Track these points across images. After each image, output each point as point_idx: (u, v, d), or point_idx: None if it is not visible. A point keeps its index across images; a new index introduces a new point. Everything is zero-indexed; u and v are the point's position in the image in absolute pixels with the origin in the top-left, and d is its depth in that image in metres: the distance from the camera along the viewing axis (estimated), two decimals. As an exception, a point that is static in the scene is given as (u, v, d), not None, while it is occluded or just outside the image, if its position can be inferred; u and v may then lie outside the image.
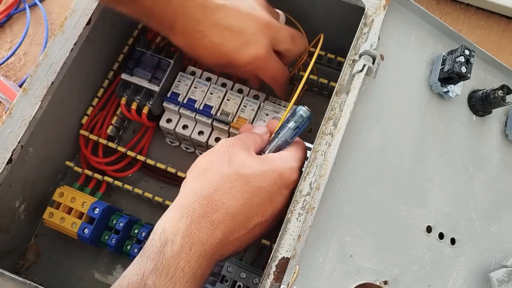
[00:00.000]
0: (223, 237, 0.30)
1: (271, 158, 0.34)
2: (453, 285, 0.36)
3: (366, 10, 0.38)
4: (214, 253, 0.31)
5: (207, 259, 0.30)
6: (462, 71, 0.36)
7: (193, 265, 0.29)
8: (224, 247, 0.31)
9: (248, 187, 0.31)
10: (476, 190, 0.39)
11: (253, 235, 0.33)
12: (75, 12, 0.44)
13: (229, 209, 0.31)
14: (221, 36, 0.38)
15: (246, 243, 0.33)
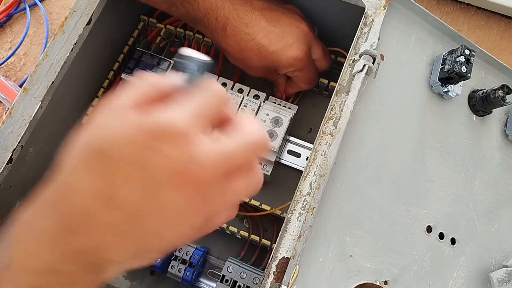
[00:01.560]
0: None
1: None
2: (453, 285, 0.36)
3: (366, 10, 0.38)
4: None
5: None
6: (462, 71, 0.36)
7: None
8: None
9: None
10: (476, 190, 0.39)
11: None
12: (75, 12, 0.44)
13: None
14: (268, 38, 0.42)
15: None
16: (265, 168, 0.47)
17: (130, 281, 0.49)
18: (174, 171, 0.20)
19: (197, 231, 0.23)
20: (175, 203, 0.21)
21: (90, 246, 0.21)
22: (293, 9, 0.46)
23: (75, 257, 0.21)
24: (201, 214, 0.22)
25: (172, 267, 0.45)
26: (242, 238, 0.48)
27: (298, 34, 0.43)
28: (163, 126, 0.20)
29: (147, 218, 0.21)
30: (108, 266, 0.22)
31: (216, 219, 0.24)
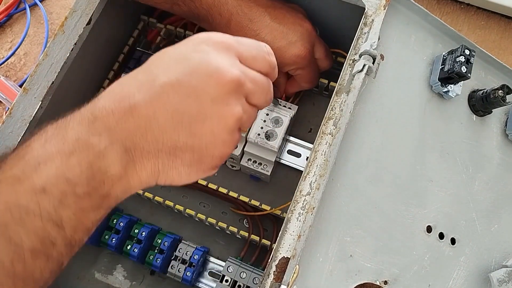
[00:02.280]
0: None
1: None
2: (453, 285, 0.36)
3: (366, 10, 0.38)
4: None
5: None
6: (462, 71, 0.36)
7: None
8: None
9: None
10: (476, 190, 0.39)
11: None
12: (76, 12, 0.44)
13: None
14: (272, 35, 0.42)
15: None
16: (265, 168, 0.47)
17: (130, 281, 0.49)
18: (213, 67, 0.26)
19: (222, 133, 0.27)
20: (208, 93, 0.25)
21: (130, 128, 0.25)
22: (297, 8, 0.46)
23: (111, 135, 0.24)
24: (228, 115, 0.26)
25: (172, 267, 0.45)
26: (242, 238, 0.48)
27: (302, 32, 0.43)
28: (212, 36, 0.27)
29: (183, 106, 0.25)
30: (141, 158, 0.25)
31: (245, 124, 0.28)
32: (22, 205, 0.22)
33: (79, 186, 0.23)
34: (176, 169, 0.27)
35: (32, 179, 0.22)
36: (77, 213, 0.23)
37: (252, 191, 0.50)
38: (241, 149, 0.46)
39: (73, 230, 0.23)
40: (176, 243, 0.47)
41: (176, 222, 0.51)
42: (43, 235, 0.22)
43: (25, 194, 0.22)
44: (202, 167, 0.27)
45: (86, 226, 0.24)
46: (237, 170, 0.51)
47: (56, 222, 0.22)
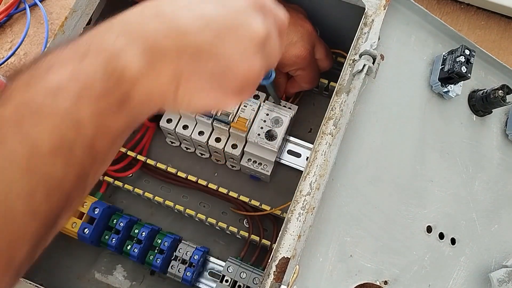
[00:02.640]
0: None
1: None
2: (453, 285, 0.36)
3: (366, 10, 0.38)
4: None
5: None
6: (462, 71, 0.36)
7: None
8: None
9: None
10: (476, 190, 0.39)
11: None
12: (76, 12, 0.44)
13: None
14: None
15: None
16: (265, 168, 0.47)
17: (130, 281, 0.49)
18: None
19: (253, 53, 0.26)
20: (238, 3, 0.26)
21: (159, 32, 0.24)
22: (298, 9, 0.46)
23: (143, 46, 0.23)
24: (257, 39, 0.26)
25: (172, 267, 0.45)
26: (242, 238, 0.48)
27: (302, 33, 0.43)
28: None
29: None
30: (161, 59, 0.24)
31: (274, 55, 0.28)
32: (36, 103, 0.20)
33: (95, 85, 0.22)
34: (198, 80, 0.25)
35: (46, 80, 0.21)
36: (96, 114, 0.22)
37: (252, 191, 0.50)
38: (241, 149, 0.46)
39: (93, 133, 0.22)
40: (176, 243, 0.47)
41: (176, 222, 0.51)
42: (60, 133, 0.21)
43: (38, 93, 0.21)
44: (224, 84, 0.26)
45: (107, 132, 0.23)
46: (237, 170, 0.51)
47: (74, 120, 0.21)
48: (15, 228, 0.19)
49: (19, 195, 0.19)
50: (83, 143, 0.21)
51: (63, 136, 0.21)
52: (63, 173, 0.21)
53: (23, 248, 0.20)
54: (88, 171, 0.22)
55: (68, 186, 0.21)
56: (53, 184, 0.20)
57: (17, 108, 0.20)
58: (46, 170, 0.20)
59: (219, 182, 0.48)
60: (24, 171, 0.19)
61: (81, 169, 0.22)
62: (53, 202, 0.20)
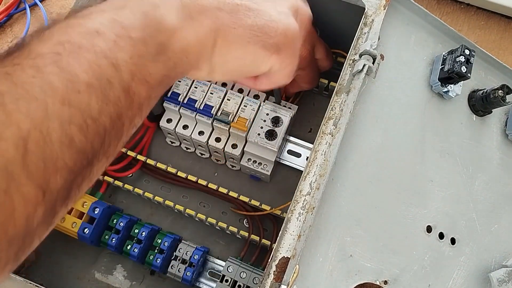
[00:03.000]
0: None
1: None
2: (453, 285, 0.36)
3: (366, 10, 0.38)
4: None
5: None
6: (462, 71, 0.36)
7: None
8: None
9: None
10: (476, 190, 0.39)
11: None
12: (76, 12, 0.44)
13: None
14: None
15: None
16: (265, 168, 0.47)
17: (130, 281, 0.49)
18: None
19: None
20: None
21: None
22: None
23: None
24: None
25: (172, 267, 0.45)
26: (242, 238, 0.48)
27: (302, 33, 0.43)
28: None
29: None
30: (199, 13, 0.25)
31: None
32: (75, 42, 0.21)
33: (134, 30, 0.22)
34: (237, 32, 0.26)
35: (85, 24, 0.22)
36: (134, 58, 0.22)
37: (252, 191, 0.50)
38: (241, 149, 0.46)
39: (130, 75, 0.22)
40: (176, 243, 0.47)
41: (176, 222, 0.51)
42: (98, 71, 0.21)
43: (77, 34, 0.21)
44: (263, 37, 0.27)
45: (144, 78, 0.23)
46: (237, 170, 0.51)
47: (112, 61, 0.22)
48: (51, 152, 0.19)
49: (57, 122, 0.19)
50: (119, 84, 0.22)
51: (99, 73, 0.21)
52: (99, 109, 0.21)
53: (58, 177, 0.20)
54: (123, 114, 0.23)
55: (104, 122, 0.21)
56: (89, 117, 0.21)
57: (55, 45, 0.21)
58: (82, 102, 0.20)
59: (219, 182, 0.48)
60: (61, 101, 0.20)
61: (116, 109, 0.22)
62: (89, 136, 0.21)
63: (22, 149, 0.18)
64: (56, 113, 0.19)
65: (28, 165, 0.18)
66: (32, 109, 0.19)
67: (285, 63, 0.30)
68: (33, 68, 0.19)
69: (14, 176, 0.18)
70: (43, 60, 0.20)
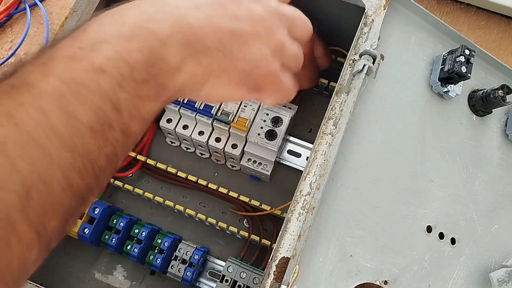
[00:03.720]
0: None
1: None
2: (453, 285, 0.36)
3: (366, 10, 0.38)
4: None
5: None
6: (462, 71, 0.36)
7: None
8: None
9: None
10: (476, 190, 0.39)
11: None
12: (76, 12, 0.44)
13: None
14: None
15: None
16: (265, 168, 0.47)
17: (130, 281, 0.49)
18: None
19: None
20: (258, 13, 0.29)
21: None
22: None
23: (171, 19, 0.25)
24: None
25: (172, 267, 0.45)
26: (242, 238, 0.48)
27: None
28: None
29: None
30: (200, 53, 0.26)
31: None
32: (79, 82, 0.21)
33: (138, 71, 0.23)
34: (227, 75, 0.28)
35: (91, 58, 0.22)
36: (134, 99, 0.23)
37: (252, 191, 0.50)
38: (241, 149, 0.46)
39: (129, 116, 0.23)
40: (176, 243, 0.47)
41: (176, 222, 0.51)
42: (101, 114, 0.21)
43: (82, 72, 0.21)
44: (248, 81, 0.29)
45: (142, 116, 0.24)
46: (237, 170, 0.51)
47: (114, 103, 0.22)
48: (51, 199, 0.19)
49: (59, 169, 0.19)
50: (119, 125, 0.22)
51: (102, 116, 0.21)
52: (98, 151, 0.21)
53: (54, 220, 0.20)
54: (119, 152, 0.23)
55: (101, 163, 0.22)
56: (89, 160, 0.21)
57: (60, 85, 0.20)
58: (84, 146, 0.20)
59: (219, 182, 0.48)
60: (64, 147, 0.20)
61: (114, 148, 0.22)
62: (87, 177, 0.21)
63: (24, 198, 0.18)
64: (59, 161, 0.19)
65: (29, 213, 0.18)
66: (35, 157, 0.19)
67: (270, 98, 0.32)
68: (37, 111, 0.19)
69: (15, 226, 0.18)
70: (47, 102, 0.20)
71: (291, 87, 0.33)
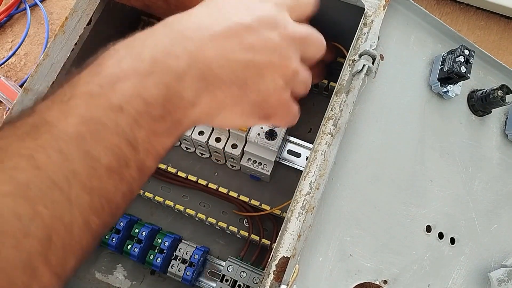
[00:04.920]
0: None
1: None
2: (453, 284, 0.36)
3: (366, 10, 0.38)
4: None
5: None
6: (462, 71, 0.36)
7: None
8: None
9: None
10: (476, 190, 0.39)
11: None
12: (76, 12, 0.44)
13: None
14: None
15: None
16: (265, 168, 0.47)
17: (130, 280, 0.49)
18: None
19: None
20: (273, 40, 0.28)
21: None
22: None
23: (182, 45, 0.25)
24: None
25: (172, 266, 0.45)
26: (242, 237, 0.48)
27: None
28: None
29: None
30: (214, 87, 0.25)
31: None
32: (98, 121, 0.21)
33: (155, 107, 0.23)
34: (241, 107, 0.27)
35: (109, 96, 0.22)
36: (151, 136, 0.23)
37: (252, 191, 0.50)
38: (241, 149, 0.46)
39: (145, 153, 0.23)
40: (176, 242, 0.47)
41: (176, 222, 0.51)
42: (119, 154, 0.21)
43: (101, 110, 0.21)
44: (260, 111, 0.29)
45: (157, 152, 0.24)
46: (237, 170, 0.51)
47: (131, 142, 0.22)
48: (70, 241, 0.20)
49: (78, 212, 0.20)
50: (135, 164, 0.22)
51: (119, 154, 0.21)
52: (115, 190, 0.22)
53: (73, 260, 0.20)
54: (134, 188, 0.23)
55: (117, 201, 0.22)
56: (106, 200, 0.21)
57: (79, 124, 0.21)
58: (102, 186, 0.21)
59: (219, 182, 0.48)
60: (83, 189, 0.20)
61: (129, 186, 0.23)
62: (104, 216, 0.21)
63: (45, 243, 0.18)
64: (78, 203, 0.20)
65: (50, 257, 0.19)
66: (56, 201, 0.19)
67: (277, 123, 0.33)
68: (58, 153, 0.19)
69: (36, 271, 0.18)
70: (67, 144, 0.20)
71: (297, 112, 0.33)
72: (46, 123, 0.20)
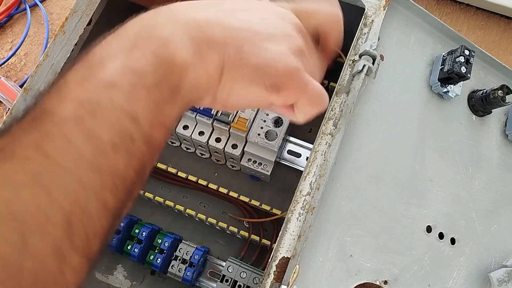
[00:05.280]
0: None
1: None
2: (453, 284, 0.36)
3: (366, 10, 0.38)
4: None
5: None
6: (462, 71, 0.36)
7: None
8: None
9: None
10: (476, 190, 0.39)
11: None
12: (76, 12, 0.44)
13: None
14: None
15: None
16: (265, 168, 0.47)
17: (130, 281, 0.49)
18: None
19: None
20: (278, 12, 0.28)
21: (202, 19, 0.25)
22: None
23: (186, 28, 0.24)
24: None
25: (172, 267, 0.45)
26: (242, 238, 0.48)
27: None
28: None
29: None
30: (207, 48, 0.25)
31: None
32: (93, 100, 0.21)
33: (146, 76, 0.23)
34: (240, 71, 0.26)
35: (99, 75, 0.22)
36: (150, 106, 0.23)
37: (252, 191, 0.50)
38: (241, 149, 0.46)
39: (149, 124, 0.23)
40: (177, 243, 0.47)
41: (177, 222, 0.51)
42: (120, 129, 0.21)
43: (94, 90, 0.21)
44: (264, 77, 0.27)
45: (162, 122, 0.23)
46: (237, 170, 0.51)
47: (131, 115, 0.22)
48: (91, 222, 0.20)
49: (92, 192, 0.20)
50: (141, 137, 0.22)
51: (121, 130, 0.21)
52: (125, 167, 0.21)
53: (98, 241, 0.21)
54: (147, 163, 0.23)
55: (130, 178, 0.22)
56: (118, 178, 0.21)
57: (76, 107, 0.21)
58: (111, 165, 0.21)
59: (219, 182, 0.48)
60: (93, 169, 0.20)
61: (140, 161, 0.22)
62: (119, 195, 0.21)
63: (67, 227, 0.19)
64: (90, 184, 0.20)
65: (74, 240, 0.19)
66: (69, 185, 0.19)
67: (288, 99, 0.29)
68: (62, 139, 0.20)
69: (65, 255, 0.19)
70: (69, 128, 0.20)
71: (321, 90, 0.29)
72: (46, 112, 0.20)
